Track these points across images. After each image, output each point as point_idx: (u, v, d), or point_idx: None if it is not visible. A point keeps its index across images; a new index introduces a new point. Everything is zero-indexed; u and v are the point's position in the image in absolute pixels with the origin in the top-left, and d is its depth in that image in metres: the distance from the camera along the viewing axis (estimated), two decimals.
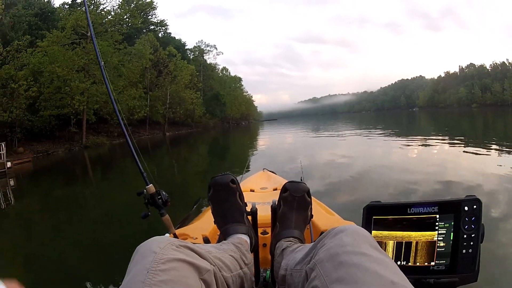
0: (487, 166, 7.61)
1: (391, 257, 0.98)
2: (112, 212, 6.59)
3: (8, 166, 15.21)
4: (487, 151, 9.94)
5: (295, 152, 13.34)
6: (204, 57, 72.11)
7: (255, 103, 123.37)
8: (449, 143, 12.84)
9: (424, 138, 15.44)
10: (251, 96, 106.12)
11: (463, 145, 11.92)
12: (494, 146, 10.91)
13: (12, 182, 12.95)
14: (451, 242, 0.96)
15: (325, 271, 0.72)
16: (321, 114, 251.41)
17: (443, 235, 0.97)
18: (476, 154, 9.75)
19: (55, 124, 28.56)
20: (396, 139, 16.29)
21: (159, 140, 35.03)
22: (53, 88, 27.57)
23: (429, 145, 12.90)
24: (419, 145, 12.90)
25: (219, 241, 1.27)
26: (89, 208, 7.54)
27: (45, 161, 21.22)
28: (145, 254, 0.73)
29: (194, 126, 55.51)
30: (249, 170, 7.29)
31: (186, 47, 67.53)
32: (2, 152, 15.53)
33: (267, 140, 23.78)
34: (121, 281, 0.70)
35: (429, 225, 0.98)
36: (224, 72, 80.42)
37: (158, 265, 0.70)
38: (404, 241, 0.99)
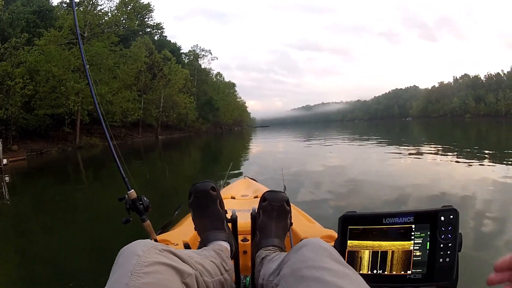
0: (473, 176, 7.62)
1: (366, 266, 1.01)
2: (100, 214, 6.59)
3: (4, 163, 15.31)
4: (478, 162, 9.98)
5: (282, 160, 13.43)
6: (199, 62, 72.11)
7: (249, 109, 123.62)
8: (438, 153, 12.81)
9: (413, 148, 15.50)
10: (245, 102, 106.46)
11: (452, 156, 11.98)
12: (485, 157, 11.01)
13: (7, 179, 12.98)
14: (427, 251, 0.97)
15: (288, 286, 0.77)
16: (314, 122, 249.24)
17: (419, 245, 0.98)
18: (465, 164, 9.73)
19: (49, 123, 28.42)
20: (384, 148, 16.25)
21: (151, 143, 34.64)
22: (48, 87, 27.53)
23: (417, 155, 12.89)
24: (407, 155, 12.83)
25: (199, 248, 1.26)
26: (78, 208, 7.54)
27: (38, 160, 21.05)
28: (129, 257, 0.75)
29: (187, 130, 55.31)
30: (231, 177, 7.13)
31: (181, 51, 67.79)
32: None
33: (257, 146, 23.51)
34: (103, 282, 0.73)
35: (404, 235, 0.99)
36: (218, 77, 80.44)
37: (141, 268, 0.71)
38: (380, 251, 1.00)
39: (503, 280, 0.61)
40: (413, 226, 0.98)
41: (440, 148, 14.80)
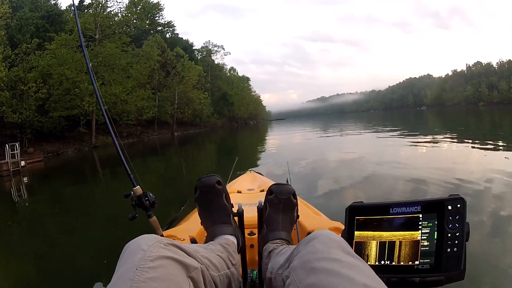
0: (487, 164, 7.41)
1: (374, 257, 1.01)
2: (112, 211, 6.68)
3: (22, 165, 15.83)
4: (493, 150, 9.71)
5: (293, 153, 13.38)
6: (212, 58, 73.02)
7: (264, 103, 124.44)
8: (451, 142, 12.55)
9: (426, 137, 15.26)
10: (259, 96, 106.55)
11: (465, 144, 11.79)
12: (499, 145, 10.64)
13: (25, 180, 13.37)
14: (435, 241, 0.96)
15: (298, 278, 0.75)
16: (329, 114, 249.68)
17: (427, 234, 0.97)
18: (478, 154, 9.52)
19: (64, 125, 28.75)
20: (397, 137, 16.14)
21: (167, 140, 35.17)
22: (62, 89, 27.67)
23: (429, 143, 12.65)
24: (419, 144, 12.65)
25: (206, 242, 1.26)
26: (91, 206, 7.73)
27: (55, 161, 21.44)
28: (134, 252, 0.74)
29: (202, 126, 55.74)
30: (237, 172, 7.18)
31: (193, 48, 68.31)
32: (16, 151, 15.92)
33: (271, 140, 23.45)
34: (109, 278, 0.71)
35: (411, 225, 0.98)
36: (232, 72, 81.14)
37: (146, 262, 0.71)
38: (387, 241, 1.00)
39: None
40: (421, 215, 0.98)
41: (454, 137, 14.45)
